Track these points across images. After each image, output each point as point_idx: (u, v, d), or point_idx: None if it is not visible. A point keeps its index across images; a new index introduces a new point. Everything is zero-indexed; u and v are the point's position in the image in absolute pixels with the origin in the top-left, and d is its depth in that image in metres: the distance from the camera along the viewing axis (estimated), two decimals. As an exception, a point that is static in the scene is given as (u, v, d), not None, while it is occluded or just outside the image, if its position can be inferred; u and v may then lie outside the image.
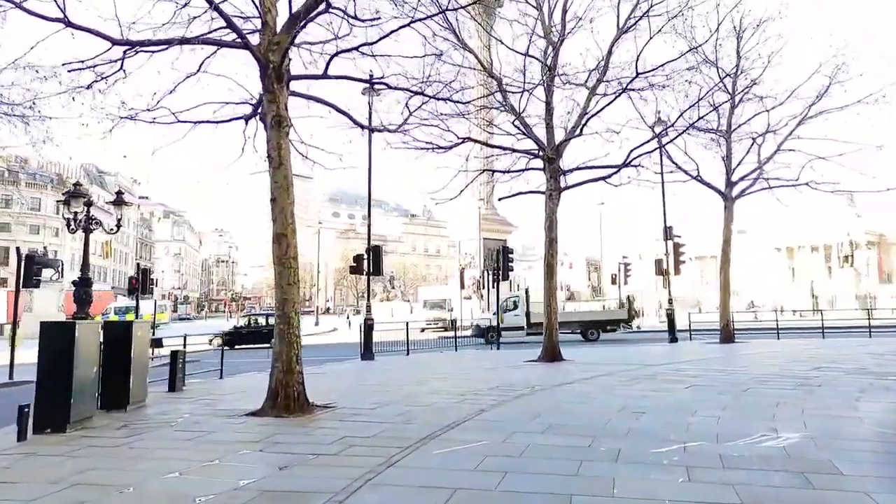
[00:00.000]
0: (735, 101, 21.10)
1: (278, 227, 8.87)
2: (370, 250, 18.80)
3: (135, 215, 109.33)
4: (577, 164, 16.74)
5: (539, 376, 12.43)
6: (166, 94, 10.57)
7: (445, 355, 19.86)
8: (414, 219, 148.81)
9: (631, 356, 17.25)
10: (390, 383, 11.98)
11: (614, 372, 12.79)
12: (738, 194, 21.80)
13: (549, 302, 15.97)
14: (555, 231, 16.14)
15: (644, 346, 22.48)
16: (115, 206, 22.75)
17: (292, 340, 8.68)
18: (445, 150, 16.54)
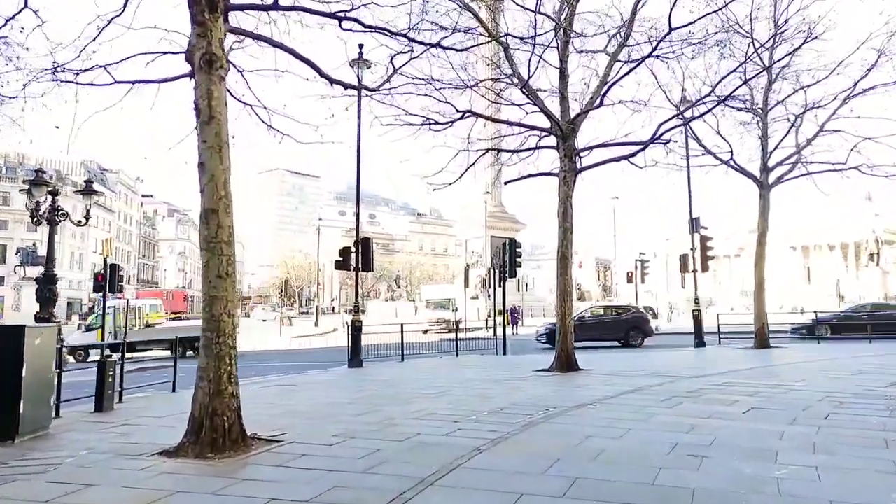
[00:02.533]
0: (772, 75, 18.70)
1: (207, 199, 6.65)
2: (359, 242, 16.57)
3: (137, 213, 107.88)
4: (596, 143, 14.44)
5: (553, 393, 10.15)
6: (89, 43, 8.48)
7: (446, 362, 17.60)
8: (421, 217, 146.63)
9: (657, 364, 14.93)
10: (370, 401, 9.74)
11: (643, 387, 10.48)
12: (774, 181, 19.39)
13: (563, 300, 13.68)
14: (570, 219, 13.84)
15: (668, 351, 20.11)
16: (84, 196, 20.63)
17: (223, 352, 6.46)
18: (445, 126, 14.34)
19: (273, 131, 10.95)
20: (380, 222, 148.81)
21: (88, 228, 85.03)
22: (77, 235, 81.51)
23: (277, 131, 11.00)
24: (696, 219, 20.90)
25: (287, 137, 11.28)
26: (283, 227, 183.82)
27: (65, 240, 78.52)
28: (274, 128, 10.80)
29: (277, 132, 11.05)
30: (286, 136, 11.22)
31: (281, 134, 11.19)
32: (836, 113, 18.69)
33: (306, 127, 11.63)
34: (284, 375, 15.19)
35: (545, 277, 66.07)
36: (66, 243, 78.96)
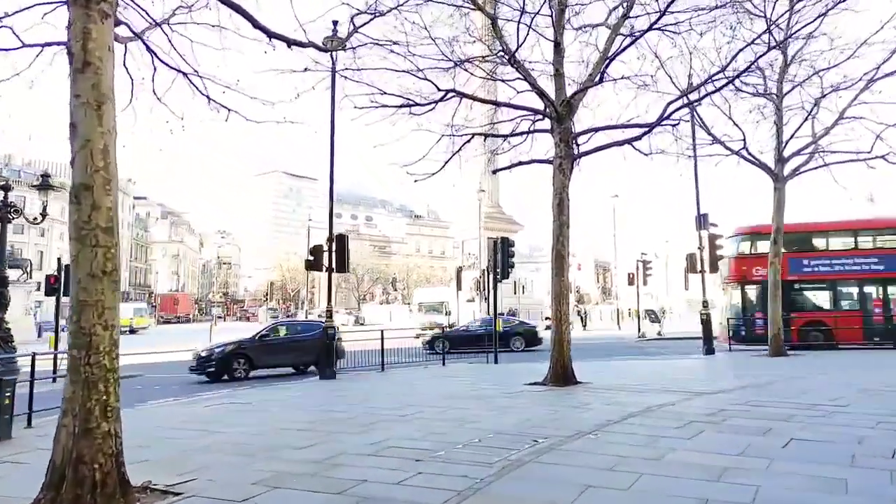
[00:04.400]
0: (787, 57, 17.08)
1: (79, 172, 5.01)
2: (332, 240, 14.90)
3: (129, 216, 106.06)
4: (595, 126, 12.81)
5: (545, 416, 8.48)
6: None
7: (430, 372, 15.93)
8: (418, 220, 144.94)
9: (666, 376, 13.28)
10: (325, 426, 8.08)
11: (653, 407, 8.83)
12: (790, 173, 17.77)
13: (560, 303, 12.02)
14: (566, 212, 12.19)
15: (675, 359, 18.47)
16: (40, 192, 18.96)
17: (96, 377, 4.80)
18: (426, 107, 12.72)
19: (215, 106, 9.37)
20: (376, 224, 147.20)
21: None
22: (63, 237, 79.71)
23: (221, 105, 9.40)
24: (704, 215, 19.26)
25: (235, 115, 9.69)
26: (280, 230, 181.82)
27: (53, 242, 76.82)
28: (215, 100, 9.21)
29: (221, 107, 9.45)
30: (233, 113, 9.63)
31: (226, 110, 9.60)
32: (857, 98, 17.06)
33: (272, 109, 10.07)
34: (246, 390, 13.53)
35: (543, 280, 64.32)
36: (54, 245, 77.18)
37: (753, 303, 20.57)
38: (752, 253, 20.97)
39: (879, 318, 19.53)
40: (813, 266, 20.32)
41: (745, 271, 20.72)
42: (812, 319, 19.91)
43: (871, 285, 19.67)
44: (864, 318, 19.54)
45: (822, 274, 19.86)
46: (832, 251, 20.56)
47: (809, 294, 20.67)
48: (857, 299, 20.06)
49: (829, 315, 19.66)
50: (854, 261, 19.58)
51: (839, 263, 19.87)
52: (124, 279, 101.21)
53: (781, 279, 18.74)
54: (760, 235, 20.34)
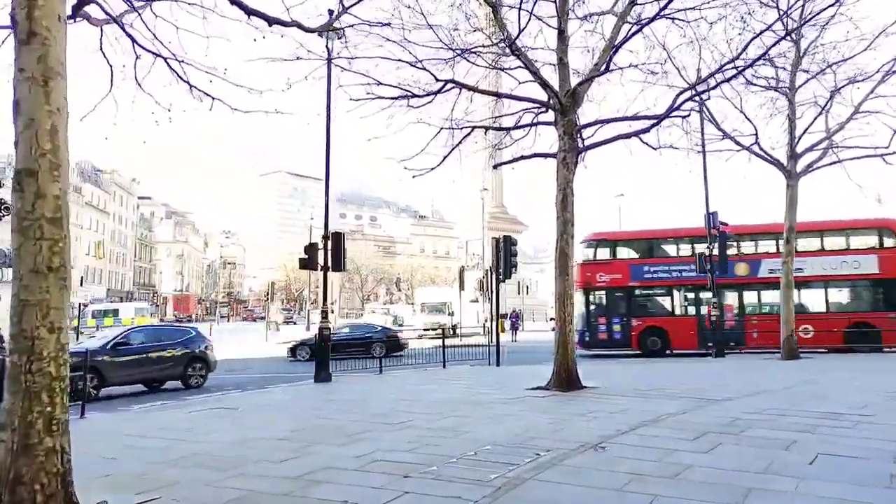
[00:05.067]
0: (800, 49, 16.45)
1: (22, 156, 4.47)
2: (328, 237, 14.35)
3: (134, 215, 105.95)
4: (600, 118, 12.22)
5: (548, 425, 7.89)
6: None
7: (428, 375, 15.38)
8: (423, 220, 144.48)
9: (675, 380, 12.68)
10: (310, 435, 7.52)
11: (664, 416, 8.23)
12: (803, 170, 17.14)
13: (563, 304, 11.43)
14: (570, 208, 11.61)
15: (685, 361, 17.84)
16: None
17: (39, 386, 4.24)
18: (424, 98, 12.18)
19: (199, 95, 8.85)
20: (381, 224, 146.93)
21: (81, 231, 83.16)
22: (69, 237, 79.36)
23: (203, 93, 8.87)
24: (713, 213, 18.64)
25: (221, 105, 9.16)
26: (285, 230, 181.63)
27: (56, 242, 76.43)
28: (197, 87, 8.68)
29: (204, 95, 8.92)
30: (219, 103, 9.10)
31: (210, 98, 9.07)
32: (874, 91, 16.42)
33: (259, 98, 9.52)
34: (238, 392, 13.02)
35: (548, 280, 63.68)
36: (57, 245, 76.79)
37: (596, 308, 20.92)
38: (596, 259, 21.49)
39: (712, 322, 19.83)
40: (653, 272, 20.69)
41: (589, 277, 21.03)
42: (651, 325, 20.15)
43: (706, 291, 19.70)
44: (699, 323, 19.84)
45: (661, 280, 20.25)
46: (671, 258, 20.99)
47: (649, 300, 21.02)
48: (692, 305, 20.42)
49: (667, 320, 19.88)
50: (691, 267, 19.60)
51: (677, 270, 20.17)
52: (128, 278, 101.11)
53: (622, 285, 20.18)
54: (603, 242, 21.78)
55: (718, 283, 19.00)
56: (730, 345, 18.66)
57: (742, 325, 19.63)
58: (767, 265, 19.47)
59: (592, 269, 21.13)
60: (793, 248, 17.05)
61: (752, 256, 20.18)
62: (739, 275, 19.49)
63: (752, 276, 19.42)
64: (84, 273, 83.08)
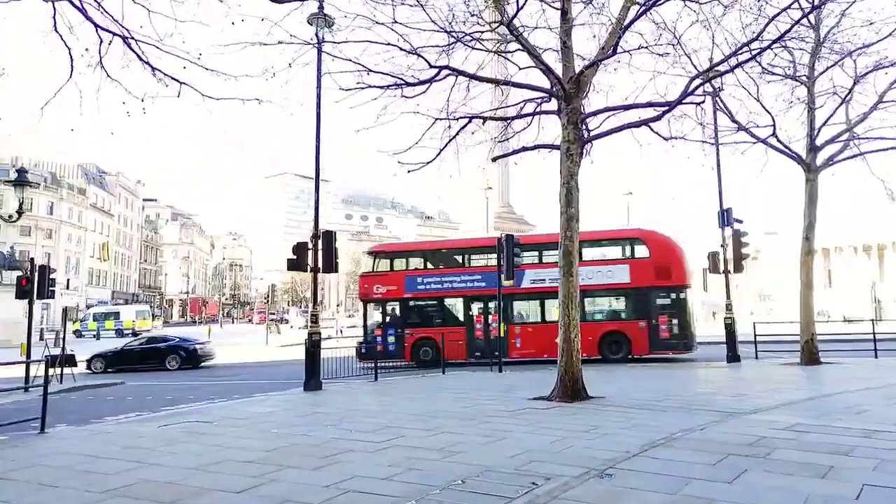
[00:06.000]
0: (820, 36, 15.52)
1: None
2: (318, 237, 13.55)
3: (139, 217, 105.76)
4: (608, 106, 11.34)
5: (548, 445, 7.03)
6: None
7: (425, 382, 14.56)
8: (429, 220, 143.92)
9: (688, 388, 11.80)
10: (282, 456, 6.70)
11: (678, 433, 7.36)
12: (823, 163, 16.20)
13: (568, 307, 10.57)
14: (575, 204, 10.75)
15: (697, 367, 16.92)
16: (16, 188, 17.81)
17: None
18: (419, 87, 11.37)
19: (162, 77, 8.09)
20: (387, 225, 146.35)
21: (86, 233, 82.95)
22: (73, 240, 79.36)
23: (168, 76, 8.12)
24: (727, 210, 17.69)
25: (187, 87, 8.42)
26: (292, 231, 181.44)
27: (60, 244, 76.33)
28: (160, 70, 7.93)
29: (169, 78, 8.17)
30: (185, 87, 8.36)
31: (177, 83, 8.33)
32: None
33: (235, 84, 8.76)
34: (221, 403, 12.25)
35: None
36: (62, 247, 76.74)
37: (374, 320, 20.99)
38: (375, 271, 21.74)
39: (481, 333, 20.27)
40: (426, 284, 20.92)
41: (367, 289, 21.33)
42: (423, 336, 20.27)
43: (474, 302, 20.39)
44: (468, 333, 20.21)
45: (433, 291, 20.47)
46: (443, 269, 21.27)
47: (423, 311, 21.09)
48: (462, 315, 20.63)
49: (438, 331, 19.79)
50: (460, 278, 20.38)
51: (448, 281, 20.54)
52: (134, 280, 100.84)
53: (397, 297, 20.60)
54: (382, 254, 22.34)
55: (484, 293, 19.84)
56: (494, 354, 18.79)
57: (506, 334, 19.57)
58: (530, 276, 19.85)
59: (371, 280, 21.46)
60: (812, 247, 16.10)
61: (517, 267, 19.73)
62: (505, 285, 19.37)
63: (516, 287, 19.36)
64: (89, 275, 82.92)
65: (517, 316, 20.50)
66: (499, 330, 18.93)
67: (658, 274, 19.18)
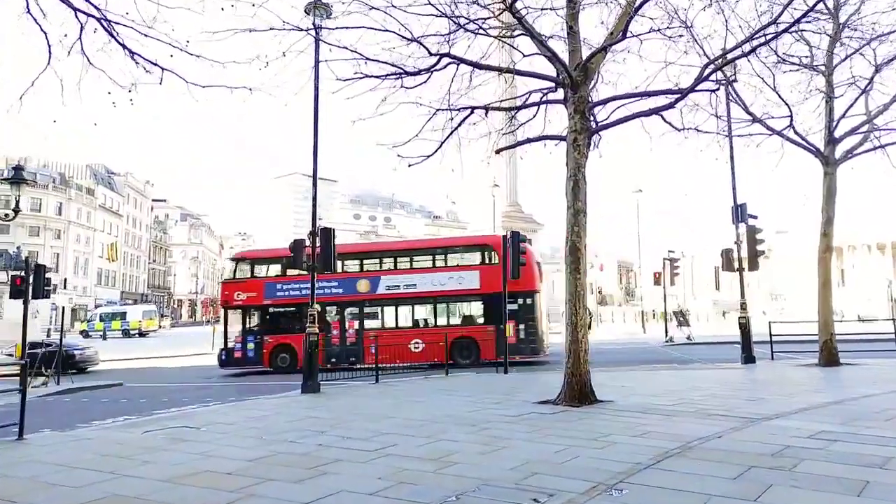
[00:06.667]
0: (839, 23, 14.88)
1: None
2: (316, 234, 13.09)
3: (148, 217, 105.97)
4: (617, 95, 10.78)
5: (553, 454, 6.50)
6: None
7: (428, 385, 14.05)
8: (437, 220, 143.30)
9: (703, 391, 11.20)
10: (262, 467, 6.22)
11: (693, 441, 6.81)
12: (842, 156, 15.53)
13: (576, 306, 10.03)
14: (582, 197, 10.21)
15: (710, 369, 16.31)
16: (13, 186, 17.48)
17: None
18: (418, 77, 10.86)
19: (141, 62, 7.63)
20: (395, 225, 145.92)
21: (95, 233, 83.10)
22: (82, 240, 79.51)
23: (149, 61, 7.66)
24: (741, 205, 17.06)
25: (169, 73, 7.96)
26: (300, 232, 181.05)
27: (69, 244, 76.48)
28: (138, 54, 7.47)
29: (150, 63, 7.72)
30: (167, 72, 7.90)
31: (159, 69, 7.86)
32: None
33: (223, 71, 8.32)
34: (213, 406, 11.83)
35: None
36: (71, 248, 76.88)
37: (234, 327, 20.93)
38: (236, 278, 21.77)
39: (337, 339, 20.41)
40: (286, 290, 20.85)
41: (228, 296, 21.35)
42: (282, 342, 20.37)
43: (332, 308, 20.51)
44: (325, 340, 19.86)
45: (292, 298, 20.39)
46: (302, 276, 20.91)
47: (281, 318, 21.09)
48: (319, 322, 19.93)
49: (296, 338, 19.55)
50: (319, 285, 20.56)
51: (307, 287, 20.54)
52: (143, 281, 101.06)
53: (257, 304, 20.72)
54: (243, 261, 22.45)
55: (341, 299, 20.17)
56: (350, 360, 19.62)
57: (361, 340, 20.04)
58: (385, 282, 20.22)
59: (232, 287, 21.47)
60: (830, 244, 15.45)
61: (373, 273, 20.85)
62: (361, 291, 20.25)
63: (372, 293, 20.07)
64: (97, 275, 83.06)
65: (373, 322, 20.63)
66: (355, 336, 19.65)
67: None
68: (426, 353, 19.39)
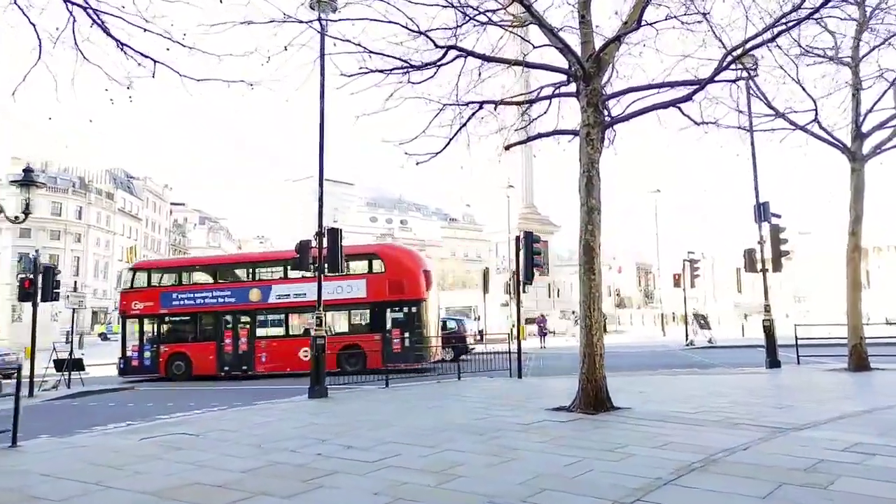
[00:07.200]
0: (866, 13, 14.24)
1: None
2: (323, 234, 12.76)
3: (167, 221, 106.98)
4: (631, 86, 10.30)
5: (564, 468, 6.06)
6: None
7: (438, 390, 13.64)
8: (453, 223, 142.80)
9: (727, 397, 10.66)
10: (254, 480, 5.86)
11: (717, 453, 6.33)
12: (870, 152, 14.86)
13: (590, 308, 9.56)
14: (596, 194, 9.75)
15: (731, 373, 15.71)
16: (22, 188, 17.38)
17: None
18: (425, 70, 10.49)
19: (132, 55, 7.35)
20: (411, 228, 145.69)
21: (114, 236, 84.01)
22: (102, 243, 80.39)
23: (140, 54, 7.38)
24: (764, 204, 16.43)
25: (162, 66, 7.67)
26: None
27: (89, 248, 77.36)
28: (129, 46, 7.18)
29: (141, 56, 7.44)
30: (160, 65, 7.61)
31: (151, 61, 7.58)
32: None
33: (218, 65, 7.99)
34: (218, 411, 11.53)
35: (581, 282, 61.29)
36: (91, 251, 77.75)
37: (132, 336, 21.05)
38: (134, 287, 21.77)
39: (230, 347, 20.61)
40: (181, 300, 21.18)
41: (126, 305, 21.44)
42: (177, 351, 20.62)
43: (225, 317, 20.80)
44: (218, 348, 20.59)
45: (187, 307, 20.71)
46: (196, 285, 21.62)
47: (177, 326, 21.38)
48: (212, 331, 20.90)
49: (190, 346, 20.60)
50: (212, 294, 21.03)
51: (201, 297, 20.98)
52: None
53: (154, 313, 20.95)
54: (141, 271, 22.60)
55: (234, 308, 20.62)
56: (242, 368, 20.16)
57: (253, 348, 20.42)
58: (276, 291, 20.46)
59: (130, 297, 21.61)
60: (859, 243, 14.78)
61: (265, 283, 20.93)
62: (253, 301, 20.56)
63: (264, 302, 20.45)
64: (117, 279, 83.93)
65: (263, 331, 20.92)
66: (247, 344, 20.16)
67: (392, 288, 19.80)
68: None
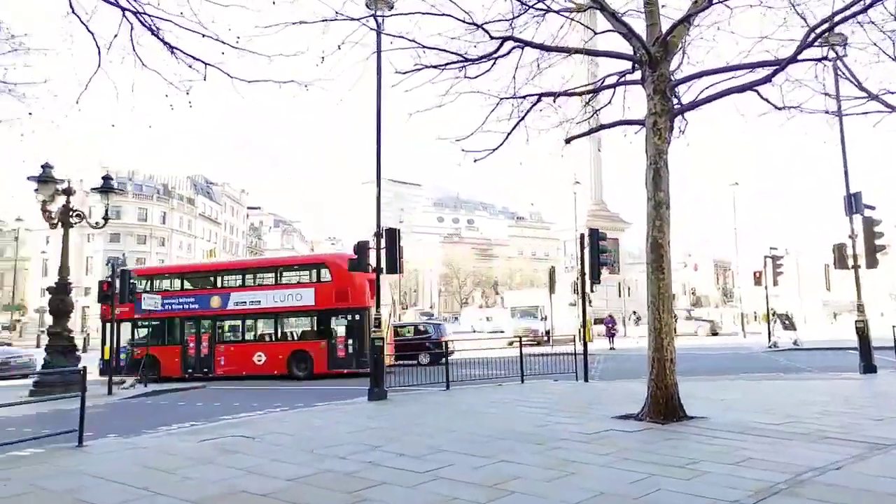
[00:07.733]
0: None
1: None
2: (381, 235, 12.62)
3: (244, 224, 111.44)
4: (703, 70, 9.55)
5: (630, 486, 5.54)
6: None
7: (502, 392, 13.23)
8: (520, 221, 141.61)
9: (815, 406, 9.72)
10: (297, 490, 5.68)
11: (806, 473, 5.64)
12: (981, 133, 13.33)
13: (659, 310, 8.91)
14: (664, 186, 9.09)
15: (820, 378, 14.49)
16: (102, 195, 18.27)
17: None
18: (483, 63, 10.14)
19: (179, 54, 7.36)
20: (478, 227, 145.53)
21: (195, 240, 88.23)
22: (184, 247, 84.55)
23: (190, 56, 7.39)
24: (855, 194, 15.06)
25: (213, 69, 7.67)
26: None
27: (172, 251, 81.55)
28: (179, 49, 7.19)
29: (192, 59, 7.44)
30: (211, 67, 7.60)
31: (204, 65, 7.58)
32: None
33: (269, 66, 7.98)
34: (279, 412, 11.59)
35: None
36: (174, 254, 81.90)
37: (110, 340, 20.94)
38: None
39: (193, 351, 21.74)
40: None
41: (105, 310, 21.28)
42: (149, 353, 20.88)
43: (188, 323, 22.00)
44: (182, 351, 21.75)
45: (157, 312, 20.97)
46: (165, 292, 22.28)
47: (149, 331, 22.47)
48: (178, 335, 22.07)
49: (161, 349, 21.62)
50: (178, 301, 22.21)
51: (168, 304, 21.53)
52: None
53: (130, 318, 21.63)
54: None
55: (197, 314, 21.78)
56: (203, 371, 21.30)
57: (213, 353, 21.49)
58: (234, 298, 21.58)
59: None
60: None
61: (225, 290, 21.98)
62: (214, 307, 21.68)
63: (223, 309, 21.59)
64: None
65: (223, 336, 21.97)
66: (208, 348, 21.41)
67: (338, 297, 20.46)
68: (268, 365, 20.94)
